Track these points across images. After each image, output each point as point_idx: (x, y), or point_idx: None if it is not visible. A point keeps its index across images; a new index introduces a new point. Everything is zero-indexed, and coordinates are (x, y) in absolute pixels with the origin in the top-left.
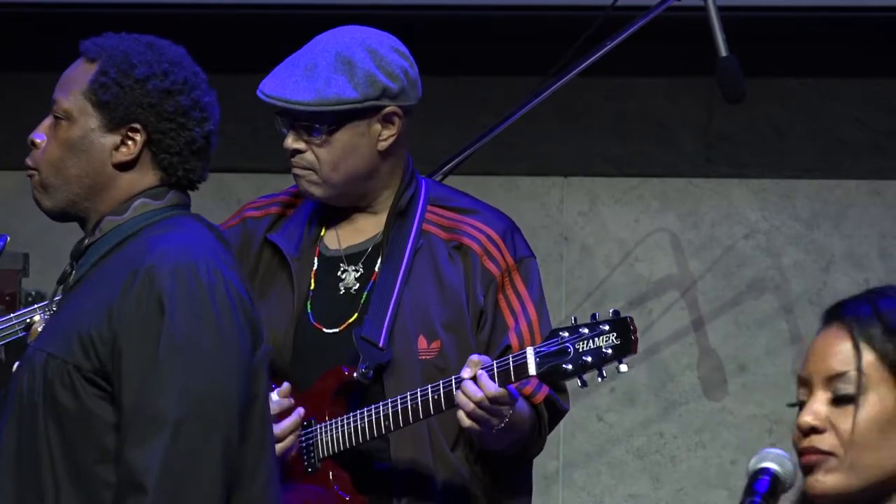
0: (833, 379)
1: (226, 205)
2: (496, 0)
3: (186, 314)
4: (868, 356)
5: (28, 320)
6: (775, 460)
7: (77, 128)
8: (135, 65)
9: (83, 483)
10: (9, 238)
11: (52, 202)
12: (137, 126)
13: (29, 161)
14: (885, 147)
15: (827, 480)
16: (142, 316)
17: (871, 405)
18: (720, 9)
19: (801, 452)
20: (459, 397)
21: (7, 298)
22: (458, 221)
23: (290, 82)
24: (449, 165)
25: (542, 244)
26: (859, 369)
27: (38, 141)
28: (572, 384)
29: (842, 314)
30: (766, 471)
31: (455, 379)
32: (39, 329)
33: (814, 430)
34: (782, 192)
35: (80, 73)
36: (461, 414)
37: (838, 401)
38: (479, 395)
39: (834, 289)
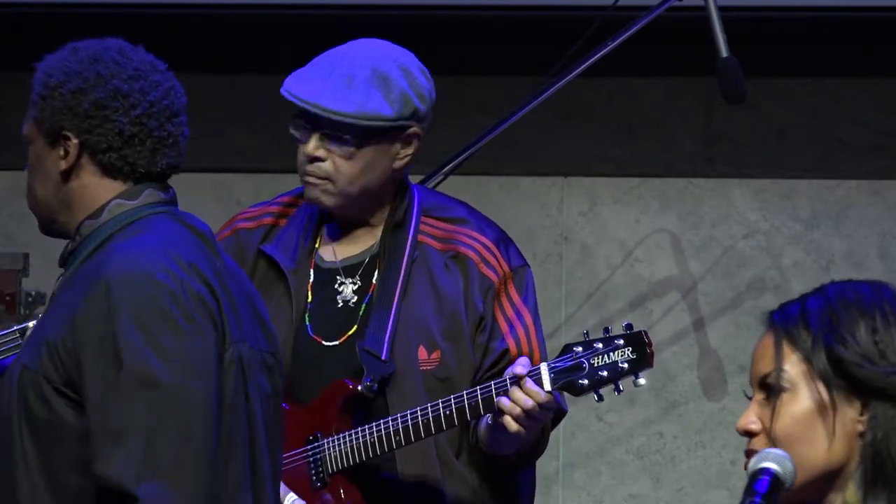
0: (762, 380)
1: (225, 205)
2: (496, 0)
3: (142, 323)
4: (791, 355)
5: (26, 326)
6: (775, 460)
7: (33, 151)
8: (51, 74)
9: (59, 492)
10: None
11: (39, 224)
12: (67, 133)
13: None
14: (885, 147)
15: None
16: (97, 327)
17: (793, 402)
18: (720, 9)
19: (746, 454)
20: (505, 404)
21: (7, 298)
22: (453, 232)
23: (326, 90)
24: (449, 165)
25: (542, 244)
26: (778, 368)
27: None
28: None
29: (772, 317)
30: (766, 471)
31: (481, 389)
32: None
33: (749, 433)
34: (782, 192)
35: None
36: (508, 419)
37: (767, 400)
38: (529, 402)
39: None
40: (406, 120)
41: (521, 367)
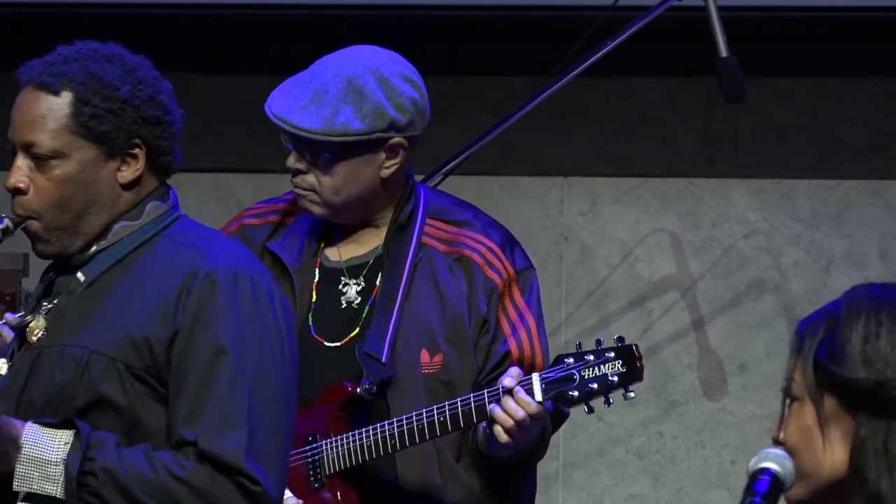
0: (784, 389)
1: (225, 205)
2: (496, 0)
3: (252, 321)
4: (799, 364)
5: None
6: (775, 460)
7: (73, 162)
8: (114, 85)
9: None
10: (7, 220)
11: (61, 243)
12: (138, 142)
13: (20, 210)
14: (885, 147)
15: (790, 491)
16: (206, 316)
17: (800, 412)
18: (720, 9)
19: None
20: (498, 414)
21: (7, 298)
22: (458, 234)
23: (297, 107)
24: (449, 165)
25: (542, 244)
26: (789, 377)
27: (23, 186)
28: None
29: (798, 323)
30: (766, 471)
31: (474, 397)
32: (38, 328)
33: (777, 443)
34: (782, 192)
35: (49, 108)
36: (498, 429)
37: (789, 409)
38: (520, 413)
39: (834, 289)
40: (383, 132)
41: (510, 377)
